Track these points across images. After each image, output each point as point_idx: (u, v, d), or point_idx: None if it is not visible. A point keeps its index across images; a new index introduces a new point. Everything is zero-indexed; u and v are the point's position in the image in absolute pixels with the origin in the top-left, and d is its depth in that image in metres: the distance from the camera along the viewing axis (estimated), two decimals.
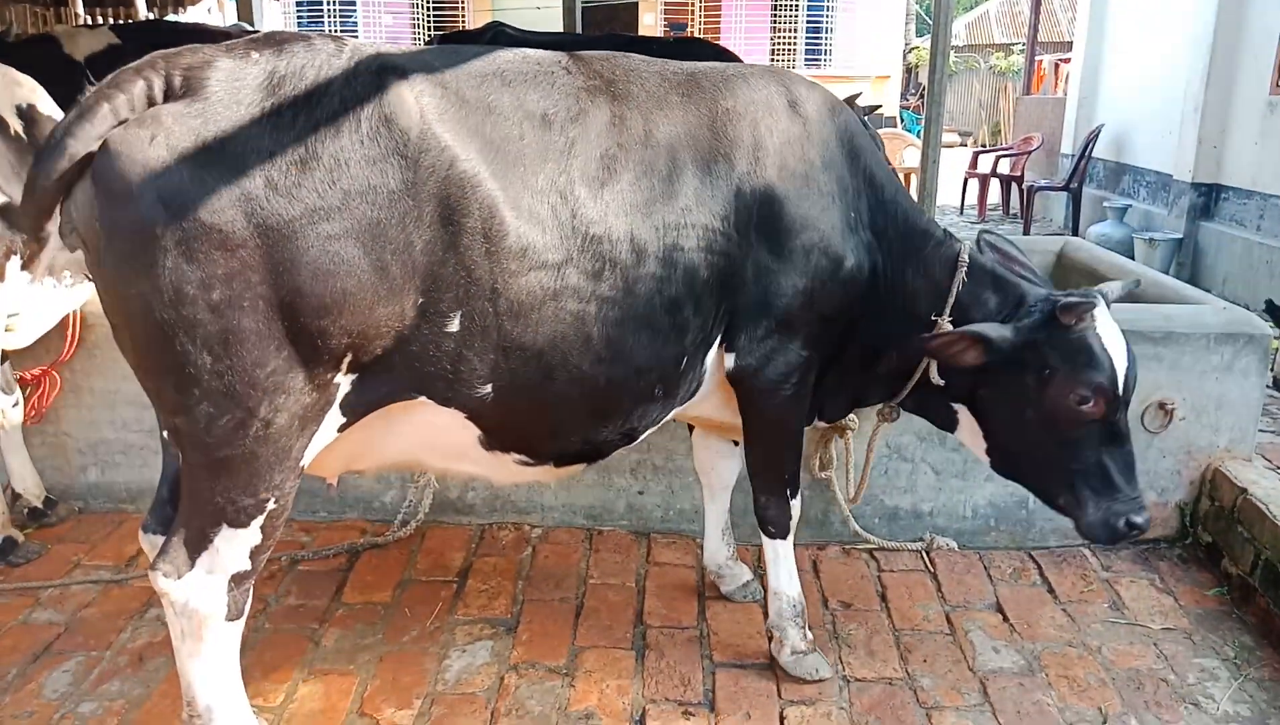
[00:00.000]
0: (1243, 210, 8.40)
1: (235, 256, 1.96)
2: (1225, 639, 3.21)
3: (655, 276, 2.42)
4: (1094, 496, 2.66)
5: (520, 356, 2.30)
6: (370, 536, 3.73)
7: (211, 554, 2.22)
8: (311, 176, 2.00)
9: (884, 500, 3.78)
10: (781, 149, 2.61)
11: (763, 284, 2.61)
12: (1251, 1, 8.55)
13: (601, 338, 2.38)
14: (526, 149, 2.27)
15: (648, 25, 21.44)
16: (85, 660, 2.99)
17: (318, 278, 2.02)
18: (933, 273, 2.81)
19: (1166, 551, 3.75)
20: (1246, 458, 3.73)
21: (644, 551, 3.69)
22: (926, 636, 3.21)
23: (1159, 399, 3.66)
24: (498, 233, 2.18)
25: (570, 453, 2.64)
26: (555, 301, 2.29)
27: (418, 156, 2.09)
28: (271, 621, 3.21)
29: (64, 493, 3.92)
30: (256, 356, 2.03)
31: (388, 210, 2.06)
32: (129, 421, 3.82)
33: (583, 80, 2.45)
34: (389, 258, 2.08)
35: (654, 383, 2.55)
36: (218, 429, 2.07)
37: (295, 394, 2.11)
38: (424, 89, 2.17)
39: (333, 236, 2.02)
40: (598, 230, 2.32)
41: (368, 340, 2.14)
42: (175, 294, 1.95)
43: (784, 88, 2.71)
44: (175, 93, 1.99)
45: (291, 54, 2.08)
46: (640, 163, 2.42)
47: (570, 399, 2.43)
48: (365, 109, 2.07)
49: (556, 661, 3.03)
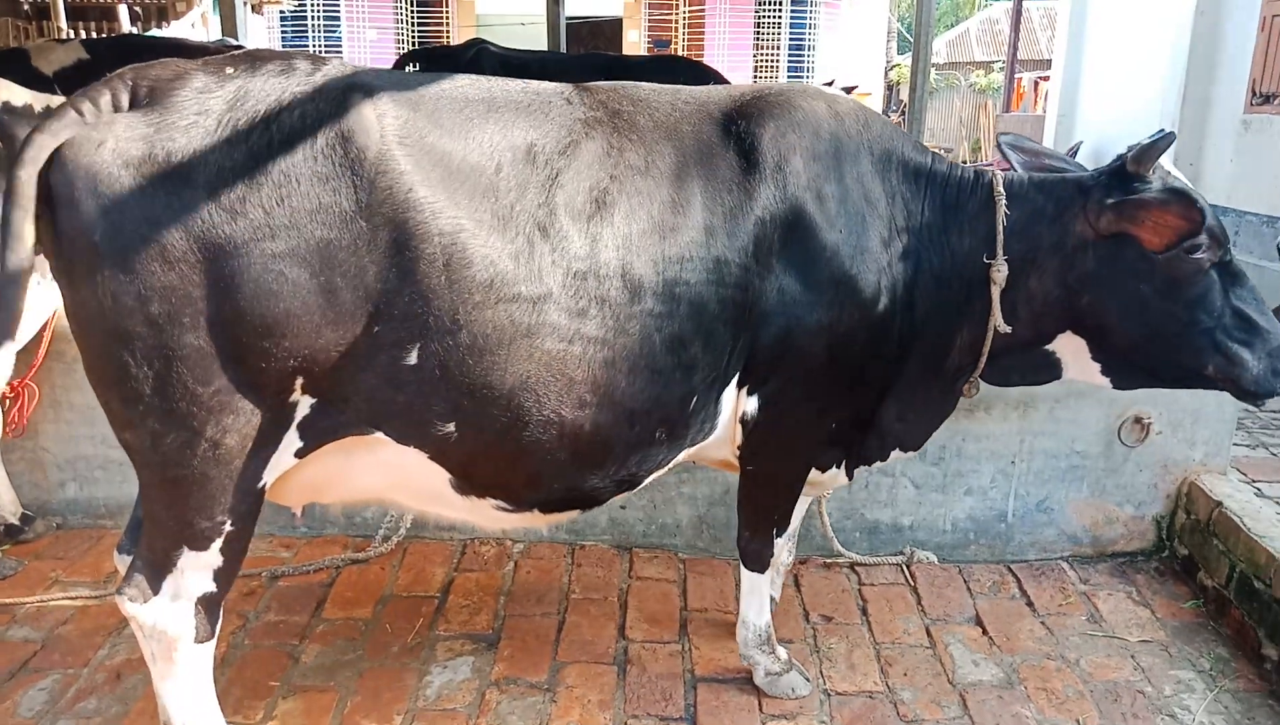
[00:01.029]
0: None
1: (175, 270, 1.92)
2: (1201, 651, 3.24)
3: (654, 313, 2.28)
4: (1246, 346, 2.48)
5: (486, 396, 2.18)
6: (351, 552, 3.72)
7: (176, 577, 2.20)
8: (258, 192, 1.95)
9: (864, 514, 3.80)
10: (807, 172, 2.45)
11: (786, 315, 2.45)
12: (1226, 20, 8.68)
13: (586, 381, 2.24)
14: (502, 179, 2.17)
15: (632, 42, 21.55)
16: (62, 678, 2.97)
17: (260, 297, 1.97)
18: (976, 225, 2.60)
19: (1143, 564, 3.78)
20: (1222, 471, 3.78)
21: (626, 566, 3.70)
22: (907, 650, 3.23)
23: (1135, 413, 3.70)
24: (460, 262, 2.08)
25: (555, 500, 2.50)
26: (529, 339, 2.16)
27: (374, 177, 2.01)
28: (251, 638, 3.20)
29: (41, 508, 3.89)
30: (199, 374, 1.99)
31: (339, 231, 2.00)
32: (108, 437, 3.76)
33: (583, 111, 2.35)
34: (339, 281, 2.01)
35: (654, 427, 2.40)
36: (165, 447, 2.05)
37: (244, 415, 2.07)
38: (389, 110, 2.09)
39: (278, 255, 1.96)
40: (583, 266, 2.20)
41: (316, 364, 2.07)
42: (114, 304, 1.93)
43: (808, 107, 2.53)
44: (139, 102, 1.99)
45: (265, 73, 2.07)
46: (637, 195, 2.29)
47: (547, 445, 2.29)
48: (323, 126, 2.01)
49: (538, 677, 3.03)
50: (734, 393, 2.55)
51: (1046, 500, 3.78)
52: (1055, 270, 2.58)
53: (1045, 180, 2.66)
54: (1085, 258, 2.54)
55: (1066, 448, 3.73)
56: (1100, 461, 3.75)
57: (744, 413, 2.58)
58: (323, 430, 2.21)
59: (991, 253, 2.58)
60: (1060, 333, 2.68)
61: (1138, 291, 2.51)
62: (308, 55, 2.17)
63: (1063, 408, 3.69)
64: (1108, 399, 3.68)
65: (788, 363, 2.50)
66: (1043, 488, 3.77)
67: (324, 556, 3.68)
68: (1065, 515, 3.79)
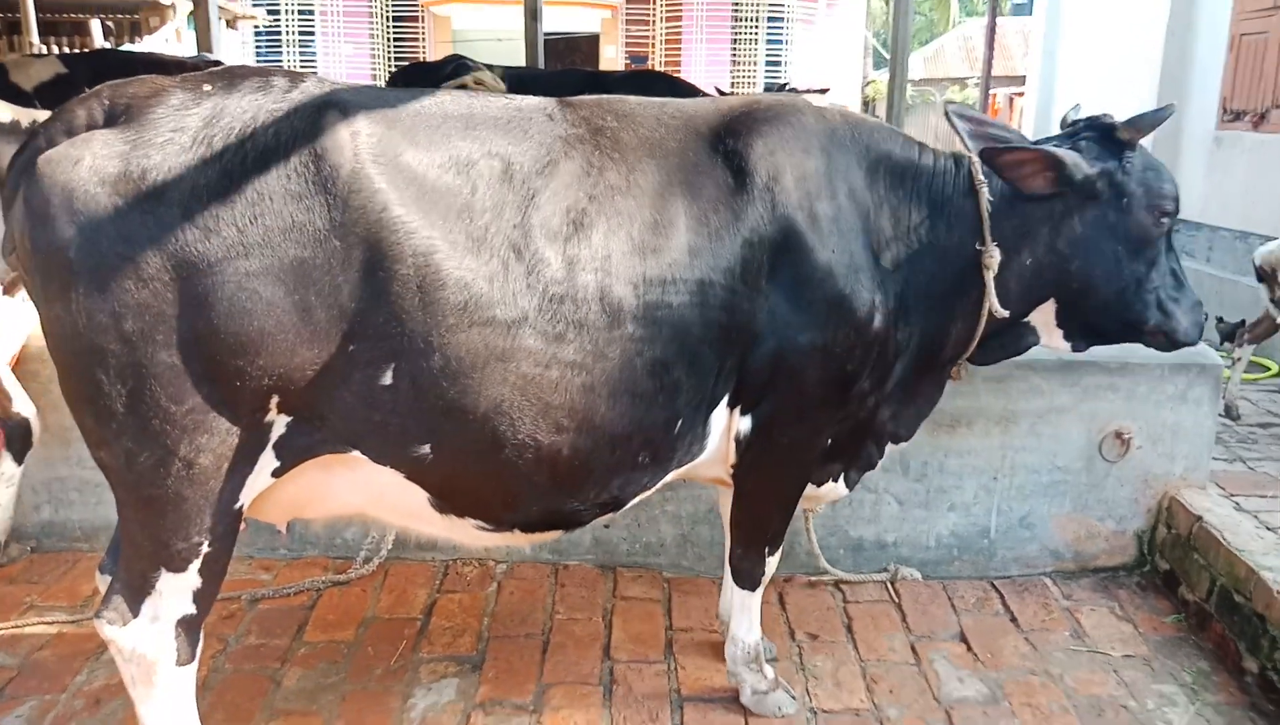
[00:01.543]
0: (1192, 242, 8.61)
1: (149, 287, 1.91)
2: (1183, 665, 3.26)
3: (634, 337, 2.25)
4: (1177, 303, 2.71)
5: (461, 419, 2.16)
6: (332, 574, 3.68)
7: (154, 599, 2.17)
8: (232, 210, 1.95)
9: (848, 531, 3.80)
10: (798, 191, 2.43)
11: (778, 337, 2.44)
12: (1197, 39, 8.83)
13: (563, 406, 2.22)
14: (477, 199, 2.14)
15: (609, 58, 21.63)
16: (40, 704, 2.92)
17: (234, 315, 1.96)
18: (963, 214, 2.64)
19: (1125, 579, 3.81)
20: (1201, 486, 3.81)
21: (610, 586, 3.68)
22: (892, 667, 3.23)
23: (1116, 428, 3.72)
24: (433, 283, 2.06)
25: (535, 522, 2.48)
26: (504, 363, 2.14)
27: (347, 196, 2.00)
28: (232, 661, 3.15)
29: (16, 532, 3.82)
30: (173, 392, 1.98)
31: (313, 250, 1.99)
32: (84, 458, 3.70)
33: (564, 128, 2.32)
34: (313, 299, 2.00)
35: (636, 451, 2.38)
36: (139, 465, 2.03)
37: (219, 434, 2.05)
38: (363, 128, 2.07)
39: (252, 273, 1.95)
40: (559, 289, 2.17)
41: (291, 383, 2.06)
42: (88, 320, 1.92)
43: (797, 122, 2.52)
44: (116, 119, 1.98)
45: (242, 90, 2.05)
46: (617, 215, 2.26)
47: (524, 468, 2.27)
48: (297, 145, 2.01)
49: (523, 699, 3.00)
50: (725, 412, 2.54)
51: (1029, 516, 3.80)
52: (1047, 238, 2.66)
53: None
54: (1074, 222, 2.64)
55: (1048, 463, 3.76)
56: (1082, 476, 3.77)
57: (738, 432, 2.57)
58: (299, 449, 2.19)
59: (982, 239, 2.63)
60: (1043, 302, 2.77)
61: (1115, 252, 2.65)
62: (286, 72, 2.16)
63: (1044, 423, 3.72)
64: (1088, 414, 3.71)
65: (781, 383, 2.49)
66: (1025, 503, 3.79)
67: (305, 578, 3.64)
68: (1047, 531, 3.81)
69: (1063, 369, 3.68)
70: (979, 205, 2.63)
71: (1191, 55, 8.90)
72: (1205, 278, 8.07)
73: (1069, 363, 3.68)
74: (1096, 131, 2.67)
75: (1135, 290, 2.69)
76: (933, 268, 2.64)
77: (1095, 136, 2.66)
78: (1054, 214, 2.64)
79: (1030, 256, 2.68)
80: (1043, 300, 2.76)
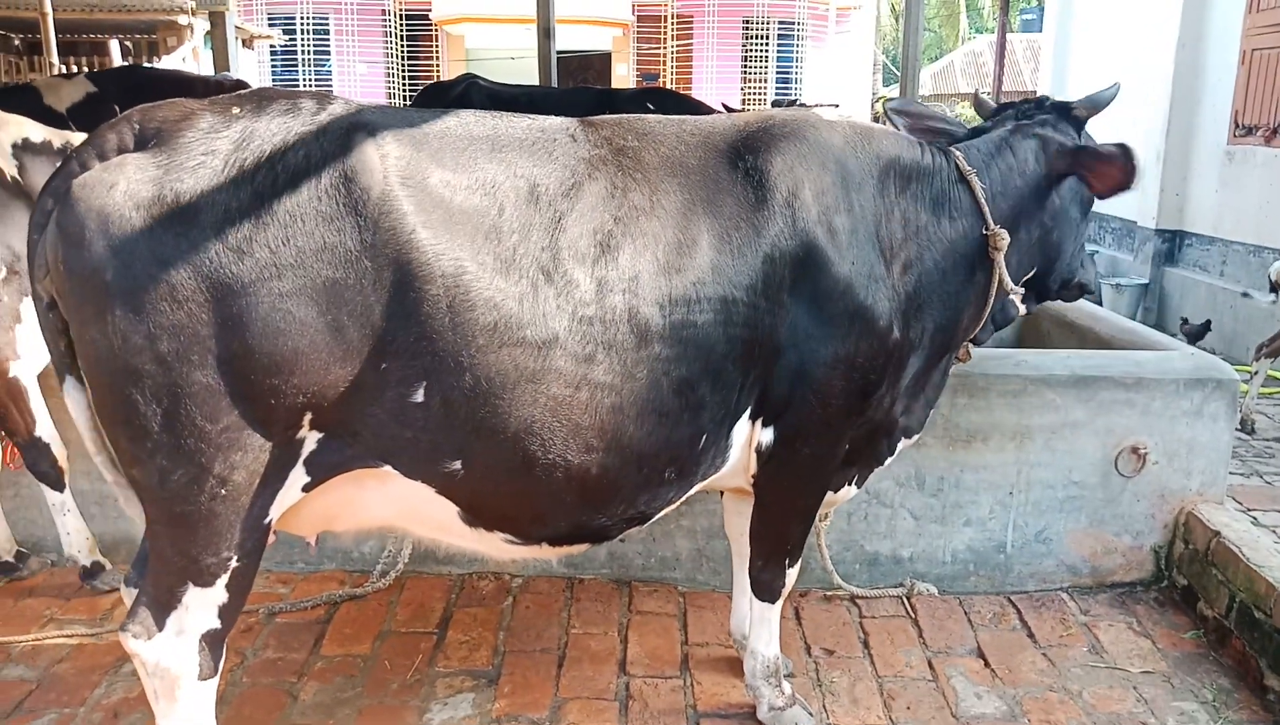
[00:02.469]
0: (1205, 256, 8.60)
1: (183, 309, 1.93)
2: (1203, 682, 3.24)
3: (661, 357, 2.27)
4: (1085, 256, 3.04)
5: (492, 438, 2.19)
6: (349, 588, 3.69)
7: (180, 614, 2.19)
8: (265, 232, 1.96)
9: (864, 546, 3.80)
10: (817, 206, 2.47)
11: (800, 350, 2.47)
12: (1208, 54, 8.83)
13: (594, 425, 2.25)
14: (505, 221, 2.16)
15: (620, 75, 21.75)
16: (58, 717, 2.93)
17: (268, 335, 1.98)
18: (961, 205, 2.73)
19: (1143, 594, 3.79)
20: (1218, 501, 3.79)
21: (625, 600, 3.68)
22: (909, 683, 3.22)
23: (1132, 443, 3.71)
24: (463, 305, 2.08)
25: (563, 536, 2.50)
26: (534, 384, 2.16)
27: (377, 217, 2.02)
28: (249, 675, 3.17)
29: (36, 546, 3.86)
30: (208, 411, 2.00)
31: (345, 270, 2.01)
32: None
33: (587, 150, 2.35)
34: (346, 319, 2.02)
35: (662, 467, 2.41)
36: (172, 483, 2.05)
37: (252, 452, 2.07)
38: (392, 149, 2.10)
39: (285, 294, 1.97)
40: (589, 311, 2.19)
41: (324, 400, 2.08)
42: (124, 342, 1.94)
43: (813, 138, 2.56)
44: (147, 143, 2.00)
45: (271, 113, 2.08)
46: (643, 236, 2.28)
47: (554, 486, 2.29)
48: (327, 166, 2.02)
49: (539, 713, 3.00)
50: (747, 425, 2.56)
51: (1045, 531, 3.79)
52: (1035, 213, 2.85)
53: (998, 138, 2.88)
54: (1053, 196, 2.84)
55: (1064, 478, 3.75)
56: (1098, 492, 3.76)
57: (759, 444, 2.59)
58: (330, 465, 2.21)
59: (985, 225, 2.73)
60: (1029, 273, 2.92)
61: (1075, 219, 2.92)
62: (314, 94, 2.18)
63: (1059, 439, 3.71)
64: (1104, 429, 3.70)
65: (805, 395, 2.52)
66: (1041, 518, 3.78)
67: (322, 592, 3.65)
68: (1064, 546, 3.80)
69: (1077, 384, 3.68)
70: (974, 193, 2.74)
71: (1203, 70, 8.90)
72: (1219, 292, 8.06)
73: (1084, 378, 3.68)
74: (1054, 112, 2.93)
75: (1079, 250, 3.01)
76: (943, 262, 2.72)
77: (1053, 116, 2.91)
78: (1040, 190, 2.83)
79: (1025, 232, 2.84)
80: (1029, 271, 2.93)
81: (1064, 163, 2.80)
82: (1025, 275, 2.91)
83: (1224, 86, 8.52)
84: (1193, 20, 8.98)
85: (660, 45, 21.81)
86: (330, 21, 20.61)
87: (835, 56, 22.86)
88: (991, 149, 2.84)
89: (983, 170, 2.77)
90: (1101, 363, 3.79)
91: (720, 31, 21.50)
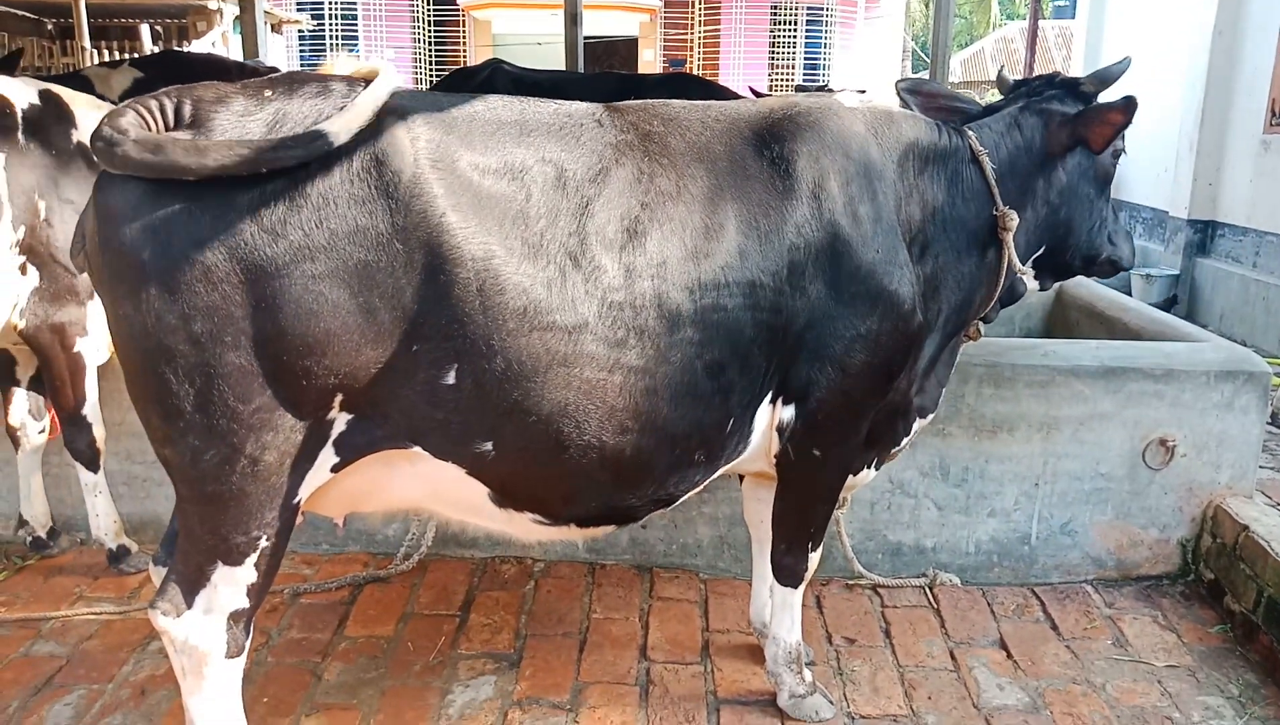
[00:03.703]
0: (1238, 247, 8.47)
1: (218, 290, 1.94)
2: (1229, 677, 3.21)
3: (692, 342, 2.30)
4: (1118, 233, 3.02)
5: (524, 419, 2.21)
6: (373, 569, 3.73)
7: (209, 592, 2.21)
8: (298, 215, 1.97)
9: (887, 536, 3.78)
10: (843, 195, 2.49)
11: (825, 334, 2.49)
12: (1245, 40, 8.68)
13: (625, 408, 2.27)
14: (533, 205, 2.17)
15: (647, 61, 21.67)
16: (87, 693, 2.98)
17: (301, 316, 1.99)
18: (973, 185, 2.77)
19: (1169, 588, 3.75)
20: (1248, 495, 3.75)
21: (647, 586, 3.69)
22: (931, 673, 3.21)
23: (1160, 435, 3.67)
24: (493, 289, 2.09)
25: (593, 517, 2.52)
26: (566, 368, 2.18)
27: (409, 200, 2.03)
28: (274, 655, 3.20)
29: (67, 523, 3.92)
30: (240, 392, 2.01)
31: (376, 253, 2.01)
32: (133, 452, 3.82)
33: (614, 135, 2.35)
34: (377, 301, 2.04)
35: (693, 449, 2.44)
36: (204, 463, 2.06)
37: (284, 432, 2.09)
38: (422, 132, 2.11)
39: (318, 276, 1.98)
40: (619, 296, 2.21)
41: (356, 382, 2.09)
42: (158, 322, 1.95)
43: (836, 125, 2.57)
44: (183, 122, 2.01)
45: (303, 96, 2.08)
46: (670, 221, 2.30)
47: (586, 466, 2.31)
48: (359, 149, 2.03)
49: (560, 697, 3.02)
50: (768, 408, 2.58)
51: (1070, 523, 3.76)
52: (1042, 192, 2.86)
53: (1009, 116, 2.90)
54: (1059, 173, 2.86)
55: (1090, 470, 3.71)
56: (1125, 484, 3.73)
57: (783, 425, 2.60)
58: (359, 446, 2.23)
59: (995, 205, 2.76)
60: (1037, 251, 2.95)
61: (1088, 195, 2.91)
62: (345, 78, 2.18)
63: (1086, 430, 3.67)
64: (1132, 421, 3.66)
65: (830, 378, 2.53)
66: (1066, 510, 3.75)
67: (346, 574, 3.68)
68: (1089, 538, 3.77)
69: (1106, 375, 3.64)
70: (985, 174, 2.76)
71: (1239, 58, 8.75)
72: (1251, 283, 7.94)
73: (1112, 369, 3.64)
74: (1061, 88, 2.93)
75: (1099, 227, 2.97)
76: (958, 244, 2.76)
77: (1062, 92, 2.91)
78: (1045, 169, 2.85)
79: (1031, 211, 2.86)
80: (1038, 249, 2.95)
81: (1064, 133, 2.81)
82: (1034, 253, 2.94)
83: (1261, 75, 8.37)
84: (1230, 6, 8.82)
85: (688, 31, 21.70)
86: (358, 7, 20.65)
87: (864, 43, 22.66)
88: (1002, 128, 2.87)
89: (994, 150, 2.79)
90: (1131, 354, 3.74)
91: (748, 17, 21.35)
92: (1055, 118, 2.84)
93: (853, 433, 2.70)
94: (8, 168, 3.16)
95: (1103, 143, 2.82)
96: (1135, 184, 11.02)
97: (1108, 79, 2.94)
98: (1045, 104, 2.88)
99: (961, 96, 3.16)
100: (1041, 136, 2.84)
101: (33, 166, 3.23)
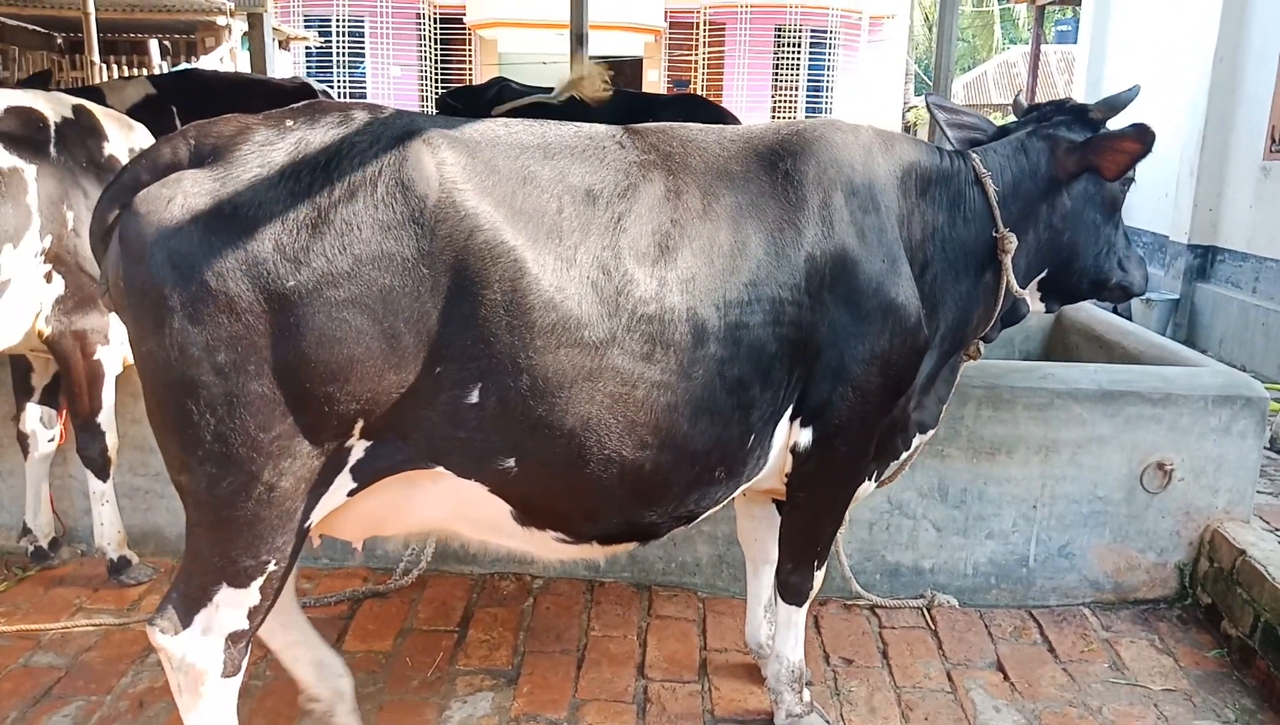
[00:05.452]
0: (1238, 272, 8.49)
1: (241, 320, 1.96)
2: (1226, 701, 3.21)
3: (717, 357, 2.32)
4: (1130, 259, 3.01)
5: (548, 435, 2.21)
6: (372, 585, 3.74)
7: (210, 612, 2.21)
8: (321, 242, 1.98)
9: (885, 556, 3.79)
10: (848, 208, 2.54)
11: (838, 348, 2.52)
12: (1245, 67, 8.73)
13: (649, 423, 2.28)
14: (564, 222, 2.19)
15: (651, 81, 21.80)
16: (86, 705, 2.99)
17: (324, 344, 2.00)
18: (974, 207, 2.79)
19: (1166, 612, 3.76)
20: (1245, 519, 3.76)
21: (645, 604, 3.70)
22: (928, 694, 3.21)
23: (1158, 459, 3.69)
24: (522, 307, 2.10)
25: (614, 534, 2.52)
26: (592, 382, 2.19)
27: (434, 225, 2.04)
28: (272, 669, 3.20)
29: (67, 535, 3.93)
30: (262, 420, 2.02)
31: (401, 278, 2.02)
32: (135, 465, 3.84)
33: (636, 155, 2.39)
34: (401, 326, 2.04)
35: (714, 466, 2.45)
36: (220, 490, 2.07)
37: (302, 458, 2.09)
38: (447, 156, 2.12)
39: (342, 303, 1.99)
40: (649, 310, 2.23)
41: (378, 407, 2.10)
42: (181, 354, 1.97)
43: (840, 142, 2.62)
44: (203, 159, 2.04)
45: (324, 124, 2.10)
46: (698, 238, 2.33)
47: (608, 482, 2.32)
48: (383, 175, 2.04)
49: (558, 714, 3.02)
50: (786, 426, 2.60)
51: (1068, 545, 3.77)
52: (1045, 216, 2.87)
53: (1017, 140, 2.92)
54: (1064, 198, 2.86)
55: (1089, 493, 3.73)
56: (1122, 507, 3.74)
57: (796, 443, 2.62)
58: (377, 470, 2.23)
59: (995, 227, 2.78)
60: (1040, 274, 2.97)
61: (1094, 221, 2.92)
62: (366, 105, 2.20)
63: (1085, 453, 3.69)
64: (1130, 444, 3.68)
65: (843, 393, 2.55)
66: (1064, 533, 3.76)
67: (345, 588, 3.69)
68: (1087, 561, 3.78)
69: (1104, 399, 3.66)
70: (987, 197, 2.78)
71: (1240, 84, 8.80)
72: (1251, 308, 7.96)
73: (1111, 392, 3.66)
74: (1070, 114, 2.94)
75: (1107, 253, 2.97)
76: (957, 263, 2.79)
77: (1070, 118, 2.92)
78: (1049, 193, 2.86)
79: (1033, 234, 2.87)
80: (1040, 272, 2.96)
81: (1073, 159, 2.82)
82: (1035, 277, 2.96)
83: (1261, 101, 8.41)
84: (1230, 34, 8.87)
85: (692, 52, 21.84)
86: (365, 24, 20.80)
87: (867, 65, 22.80)
88: (1009, 151, 2.89)
89: (998, 173, 2.82)
90: (1129, 378, 3.77)
91: (752, 39, 21.50)
92: (1062, 144, 2.85)
93: (865, 448, 2.72)
94: (39, 179, 3.25)
95: (1116, 171, 2.81)
96: (1136, 208, 11.06)
97: (1116, 106, 2.96)
98: (1053, 129, 2.90)
99: (980, 118, 3.19)
100: (1047, 161, 2.85)
101: (62, 178, 3.32)
